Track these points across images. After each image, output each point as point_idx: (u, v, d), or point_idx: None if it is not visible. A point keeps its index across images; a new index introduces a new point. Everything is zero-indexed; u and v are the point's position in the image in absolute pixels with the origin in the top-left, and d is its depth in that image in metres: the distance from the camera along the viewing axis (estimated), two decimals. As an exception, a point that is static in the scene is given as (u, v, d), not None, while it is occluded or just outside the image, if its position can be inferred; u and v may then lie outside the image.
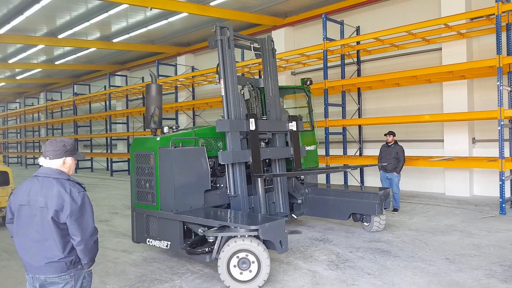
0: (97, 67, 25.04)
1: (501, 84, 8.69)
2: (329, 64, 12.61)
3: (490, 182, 10.56)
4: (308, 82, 8.58)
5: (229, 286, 4.84)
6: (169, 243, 5.65)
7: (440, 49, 11.56)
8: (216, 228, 5.15)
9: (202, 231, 5.33)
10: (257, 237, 4.85)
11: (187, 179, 5.81)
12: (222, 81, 6.30)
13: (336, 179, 12.81)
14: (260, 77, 14.76)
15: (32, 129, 34.01)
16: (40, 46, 19.58)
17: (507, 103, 9.70)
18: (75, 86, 25.30)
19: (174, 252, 6.19)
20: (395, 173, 9.04)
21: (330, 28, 12.32)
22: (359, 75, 13.14)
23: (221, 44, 6.33)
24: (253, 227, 4.77)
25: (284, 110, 8.46)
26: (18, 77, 28.81)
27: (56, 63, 23.65)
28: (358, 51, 13.04)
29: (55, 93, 30.58)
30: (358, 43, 12.50)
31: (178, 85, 19.39)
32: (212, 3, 13.76)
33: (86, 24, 16.06)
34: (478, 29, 10.72)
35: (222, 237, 5.04)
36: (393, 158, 9.01)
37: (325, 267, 5.54)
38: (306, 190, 7.60)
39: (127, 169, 21.76)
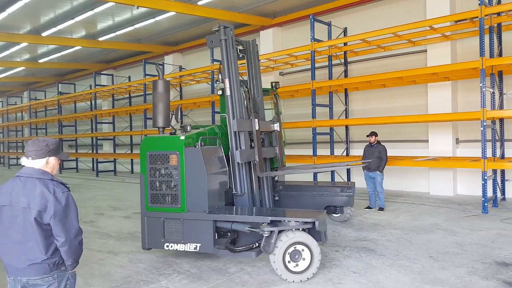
0: (83, 66, 24.72)
1: (484, 85, 8.84)
2: (316, 65, 12.68)
3: (473, 182, 10.74)
4: (276, 86, 8.76)
5: (286, 279, 5.01)
6: (198, 245, 5.55)
7: (425, 50, 11.72)
8: (266, 223, 5.21)
9: (248, 229, 5.39)
10: (304, 230, 5.14)
11: (215, 179, 5.80)
12: (227, 81, 6.25)
13: (323, 179, 12.87)
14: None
15: (15, 128, 33.44)
16: (24, 44, 19.24)
17: (489, 104, 9.88)
18: (59, 85, 24.94)
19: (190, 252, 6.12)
20: (378, 172, 9.16)
21: (317, 29, 12.39)
22: (346, 76, 13.24)
23: (226, 44, 6.32)
24: (310, 220, 5.04)
25: None
26: (0, 76, 28.28)
27: (40, 61, 23.29)
28: (345, 52, 13.15)
29: (39, 92, 30.11)
30: (345, 44, 12.60)
31: (165, 85, 19.24)
32: (199, 3, 13.71)
33: (71, 22, 15.84)
34: (462, 32, 10.90)
35: (276, 231, 5.14)
36: (376, 158, 9.15)
37: (311, 266, 5.57)
38: (280, 188, 7.87)
39: (113, 169, 21.56)
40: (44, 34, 17.39)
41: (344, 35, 13.16)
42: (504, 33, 10.18)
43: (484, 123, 8.83)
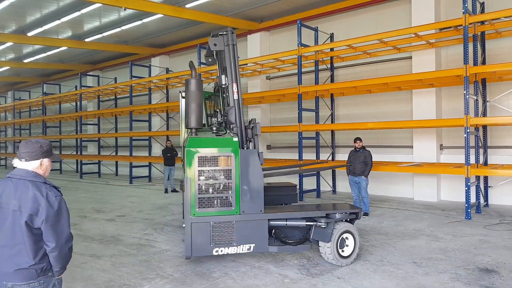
0: (68, 67, 24.42)
1: (467, 92, 8.98)
2: (303, 70, 12.74)
3: (457, 188, 10.88)
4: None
5: (340, 264, 5.70)
6: (252, 245, 5.68)
7: (411, 57, 11.87)
8: (322, 217, 5.84)
9: (306, 223, 5.87)
10: (346, 220, 5.96)
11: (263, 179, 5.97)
12: (235, 85, 6.22)
13: (308, 183, 12.91)
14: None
15: (-2, 129, 32.86)
16: (9, 44, 18.95)
17: (473, 111, 10.04)
18: (44, 85, 24.56)
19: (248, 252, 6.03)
20: (363, 177, 9.23)
21: (304, 34, 12.46)
22: (332, 81, 13.33)
23: (233, 49, 6.35)
24: (355, 211, 5.96)
25: None
26: (-16, 75, 27.81)
27: (25, 61, 22.94)
28: (331, 58, 13.24)
29: (24, 92, 29.65)
30: (331, 49, 12.71)
31: (152, 87, 19.15)
32: (187, 5, 13.67)
33: (57, 22, 15.66)
34: (446, 39, 11.07)
35: (333, 223, 5.77)
36: (361, 162, 9.22)
37: (296, 271, 5.57)
38: None
39: (97, 171, 21.29)
40: (29, 34, 17.14)
41: (330, 41, 13.26)
42: (487, 41, 10.39)
43: (468, 130, 8.96)
